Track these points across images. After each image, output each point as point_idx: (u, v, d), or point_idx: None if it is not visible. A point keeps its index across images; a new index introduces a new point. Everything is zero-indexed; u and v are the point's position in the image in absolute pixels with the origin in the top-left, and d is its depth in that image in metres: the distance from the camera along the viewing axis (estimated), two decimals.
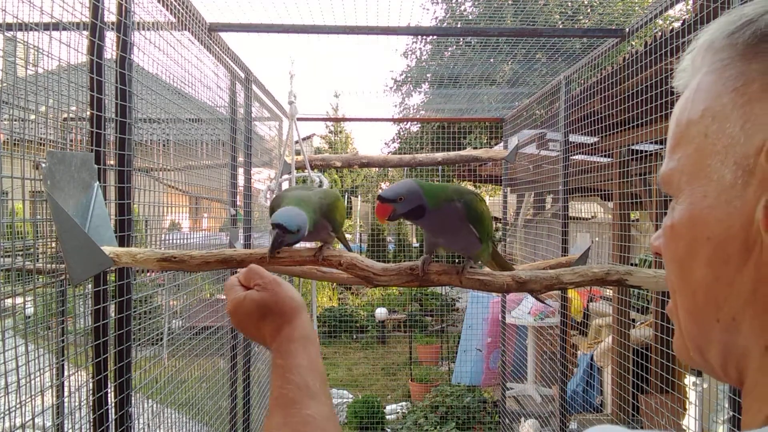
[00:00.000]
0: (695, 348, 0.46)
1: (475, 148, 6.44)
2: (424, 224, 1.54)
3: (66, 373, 1.79)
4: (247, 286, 0.81)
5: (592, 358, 4.99)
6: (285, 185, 3.55)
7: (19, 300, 1.66)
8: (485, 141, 9.27)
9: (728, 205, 0.41)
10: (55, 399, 1.83)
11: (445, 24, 8.17)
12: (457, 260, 1.62)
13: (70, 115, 1.77)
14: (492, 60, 3.64)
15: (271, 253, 1.51)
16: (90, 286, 1.65)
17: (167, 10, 2.10)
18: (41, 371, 1.46)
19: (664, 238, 0.48)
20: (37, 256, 1.75)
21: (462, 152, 4.12)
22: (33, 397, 1.38)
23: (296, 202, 1.57)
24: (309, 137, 14.95)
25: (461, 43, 3.98)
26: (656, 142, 3.21)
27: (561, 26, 3.57)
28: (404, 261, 1.60)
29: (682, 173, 0.45)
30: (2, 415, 1.30)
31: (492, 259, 1.68)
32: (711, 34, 0.45)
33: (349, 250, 1.83)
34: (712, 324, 0.43)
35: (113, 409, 1.66)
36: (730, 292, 0.41)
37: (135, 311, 1.81)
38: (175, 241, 2.66)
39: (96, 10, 1.57)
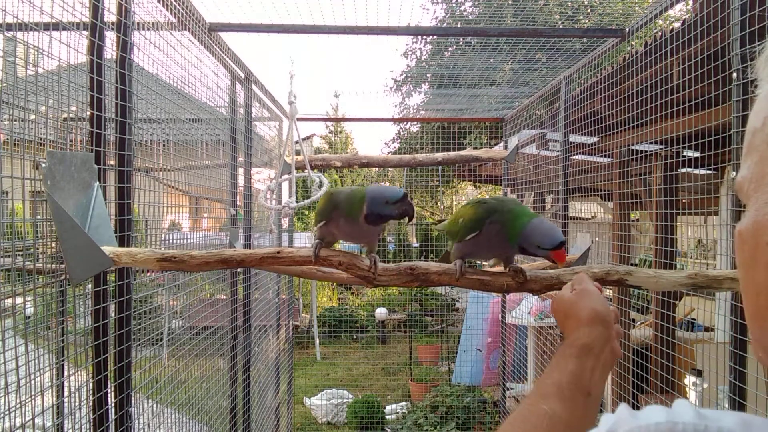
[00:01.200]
0: (762, 348, 0.47)
1: (475, 148, 6.44)
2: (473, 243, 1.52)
3: (66, 373, 1.79)
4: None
5: None
6: (285, 185, 3.55)
7: (19, 300, 1.66)
8: (485, 141, 9.26)
9: None
10: (55, 399, 1.83)
11: (445, 24, 8.17)
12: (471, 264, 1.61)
13: (70, 115, 1.77)
14: (492, 60, 3.64)
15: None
16: (90, 286, 1.65)
17: (167, 10, 2.10)
18: (41, 371, 1.46)
19: (735, 243, 0.48)
20: (37, 256, 1.75)
21: (462, 152, 4.12)
22: (33, 397, 1.38)
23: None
24: (309, 137, 14.95)
25: (461, 43, 3.98)
26: (656, 142, 3.22)
27: (561, 26, 3.57)
28: (404, 261, 1.60)
29: (750, 181, 0.46)
30: (2, 415, 1.30)
31: None
32: None
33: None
34: None
35: (113, 409, 1.66)
36: None
37: (135, 311, 1.81)
38: (175, 241, 2.66)
39: (96, 10, 1.57)
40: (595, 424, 0.69)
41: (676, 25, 2.21)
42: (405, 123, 12.35)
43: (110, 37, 1.67)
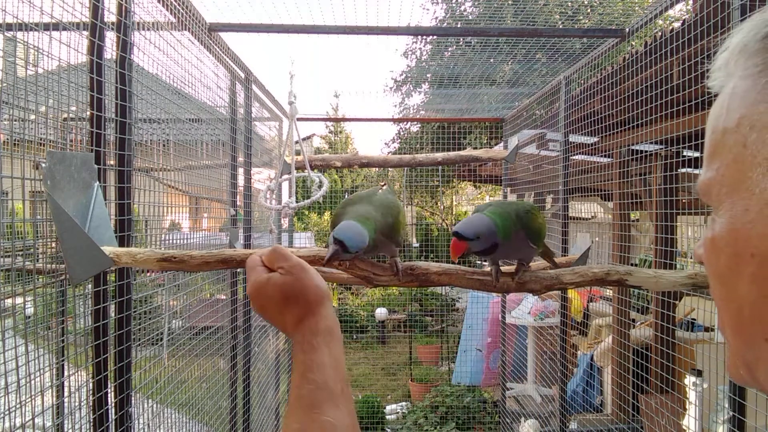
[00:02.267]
0: (743, 365, 0.44)
1: (475, 148, 6.44)
2: (490, 254, 1.49)
3: (66, 373, 1.79)
4: (270, 268, 0.77)
5: (592, 358, 4.99)
6: (285, 185, 3.55)
7: (19, 300, 1.66)
8: (485, 141, 9.26)
9: None
10: (55, 399, 1.83)
11: (445, 24, 8.16)
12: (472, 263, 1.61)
13: (70, 115, 1.77)
14: (492, 60, 3.64)
15: (326, 264, 1.44)
16: (90, 286, 1.65)
17: (167, 10, 2.10)
18: (41, 371, 1.46)
19: (705, 251, 0.46)
20: (37, 256, 1.75)
21: (462, 152, 4.12)
22: (33, 397, 1.38)
23: (360, 218, 1.47)
24: (309, 137, 14.95)
25: (461, 43, 3.98)
26: (656, 142, 3.22)
27: (561, 26, 3.57)
28: (404, 261, 1.59)
29: (722, 185, 0.43)
30: (2, 415, 1.30)
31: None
32: (744, 36, 0.43)
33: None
34: (759, 343, 0.42)
35: (113, 409, 1.66)
36: None
37: (135, 311, 1.81)
38: (175, 241, 2.66)
39: (96, 10, 1.57)
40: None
41: (676, 25, 2.21)
42: (405, 123, 12.35)
43: (110, 37, 1.67)
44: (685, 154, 2.72)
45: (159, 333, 2.35)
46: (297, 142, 3.04)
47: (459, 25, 7.38)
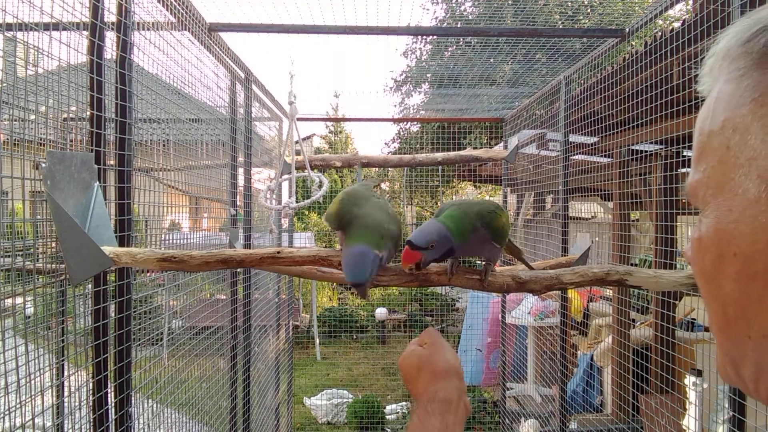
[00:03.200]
0: (730, 363, 0.45)
1: (475, 148, 6.44)
2: (449, 258, 1.50)
3: (66, 373, 1.79)
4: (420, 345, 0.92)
5: (592, 358, 4.99)
6: (285, 185, 3.55)
7: (19, 300, 1.66)
8: (485, 141, 9.27)
9: (754, 220, 0.40)
10: (55, 399, 1.83)
11: (445, 24, 8.16)
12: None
13: (70, 115, 1.77)
14: (492, 60, 3.64)
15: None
16: (90, 286, 1.65)
17: (167, 10, 2.10)
18: (41, 371, 1.46)
19: (692, 251, 0.47)
20: (37, 256, 1.75)
21: (462, 152, 4.12)
22: (33, 397, 1.38)
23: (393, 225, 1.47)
24: (309, 137, 14.95)
25: (461, 43, 3.98)
26: (656, 142, 3.22)
27: (561, 26, 3.57)
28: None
29: (708, 186, 0.44)
30: (2, 415, 1.30)
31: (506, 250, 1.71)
32: (728, 41, 0.44)
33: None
34: (743, 340, 0.42)
35: (113, 409, 1.66)
36: (761, 309, 0.40)
37: (135, 311, 1.81)
38: (175, 241, 2.66)
39: (96, 10, 1.57)
40: None
41: (676, 25, 2.21)
42: (405, 123, 12.36)
43: (110, 37, 1.67)
44: (685, 154, 2.72)
45: (159, 333, 2.35)
46: (297, 142, 3.04)
47: (459, 25, 7.38)
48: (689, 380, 2.69)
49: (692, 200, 0.47)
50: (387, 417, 5.57)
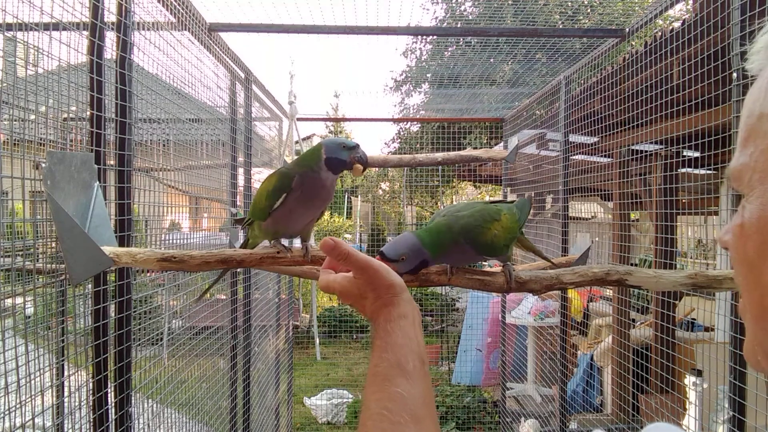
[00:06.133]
0: (762, 352, 0.44)
1: (475, 148, 6.44)
2: (423, 269, 1.46)
3: (66, 373, 1.79)
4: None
5: (592, 358, 4.99)
6: None
7: (19, 300, 1.66)
8: (485, 141, 9.27)
9: None
10: (55, 399, 1.83)
11: (445, 24, 8.17)
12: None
13: (70, 115, 1.77)
14: (492, 60, 3.64)
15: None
16: (90, 286, 1.65)
17: (167, 10, 2.10)
18: (41, 371, 1.46)
19: (733, 236, 0.45)
20: (37, 256, 1.75)
21: (462, 152, 4.12)
22: (33, 397, 1.38)
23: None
24: (309, 137, 14.94)
25: (461, 43, 3.98)
26: (656, 142, 3.22)
27: (561, 26, 3.57)
28: None
29: (755, 170, 0.42)
30: (2, 415, 1.30)
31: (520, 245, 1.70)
32: None
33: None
34: None
35: (113, 409, 1.66)
36: None
37: (135, 311, 1.81)
38: (175, 241, 2.66)
39: (96, 10, 1.57)
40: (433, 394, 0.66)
41: (676, 25, 2.21)
42: (405, 123, 12.36)
43: (110, 37, 1.67)
44: (685, 154, 2.72)
45: (159, 333, 2.35)
46: (297, 142, 3.04)
47: (459, 25, 7.38)
48: (689, 380, 2.69)
49: (735, 184, 0.45)
50: None
